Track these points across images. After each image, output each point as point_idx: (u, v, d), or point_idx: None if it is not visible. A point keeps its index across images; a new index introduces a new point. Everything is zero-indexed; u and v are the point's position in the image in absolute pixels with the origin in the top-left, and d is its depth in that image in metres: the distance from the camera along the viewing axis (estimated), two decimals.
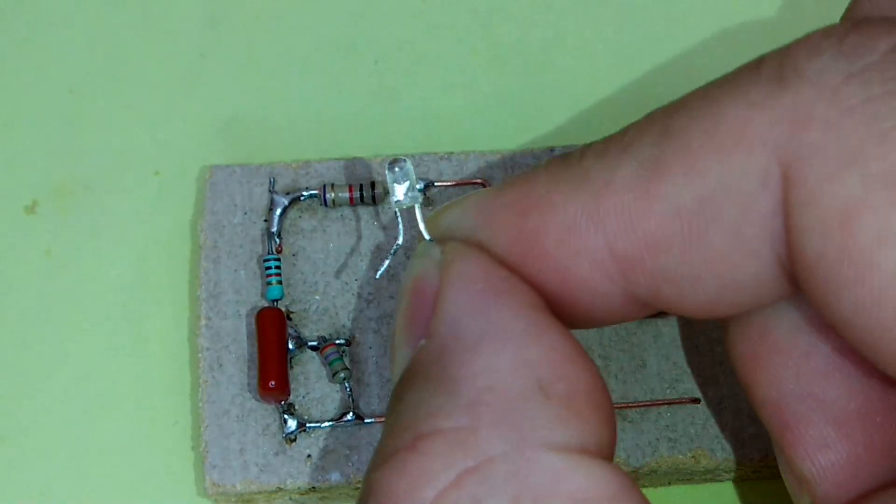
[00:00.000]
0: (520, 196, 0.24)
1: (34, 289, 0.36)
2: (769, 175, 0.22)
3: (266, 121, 0.37)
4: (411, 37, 0.39)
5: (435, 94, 0.38)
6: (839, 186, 0.21)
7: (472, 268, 0.24)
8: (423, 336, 0.24)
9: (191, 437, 0.34)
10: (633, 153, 0.23)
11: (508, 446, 0.22)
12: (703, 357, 0.33)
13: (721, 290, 0.23)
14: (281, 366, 0.32)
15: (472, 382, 0.22)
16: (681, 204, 0.23)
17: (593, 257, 0.24)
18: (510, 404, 0.22)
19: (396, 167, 0.27)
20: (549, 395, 0.22)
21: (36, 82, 0.38)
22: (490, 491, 0.21)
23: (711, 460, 0.32)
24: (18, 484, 0.34)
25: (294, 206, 0.34)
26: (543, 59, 0.39)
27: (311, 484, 0.32)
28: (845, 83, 0.21)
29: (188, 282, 0.35)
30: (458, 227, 0.25)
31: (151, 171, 0.37)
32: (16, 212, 0.36)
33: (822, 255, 0.21)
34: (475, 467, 0.22)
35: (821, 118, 0.21)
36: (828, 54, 0.22)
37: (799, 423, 0.26)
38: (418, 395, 0.23)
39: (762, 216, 0.22)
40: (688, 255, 0.23)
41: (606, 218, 0.23)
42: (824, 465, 0.25)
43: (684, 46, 0.39)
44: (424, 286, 0.24)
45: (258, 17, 0.39)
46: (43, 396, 0.34)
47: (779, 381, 0.26)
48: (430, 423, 0.22)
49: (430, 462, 0.22)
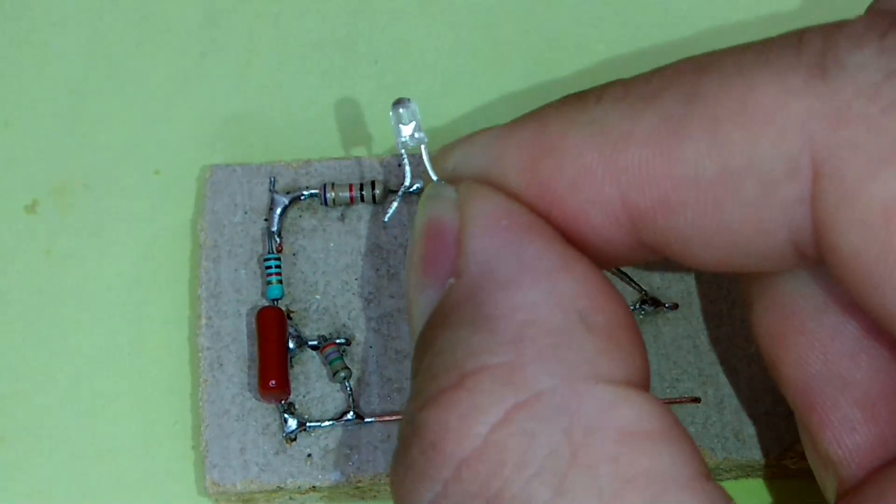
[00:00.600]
0: (532, 136, 0.24)
1: (34, 288, 0.36)
2: (799, 165, 0.22)
3: (266, 120, 0.37)
4: (411, 37, 0.39)
5: (435, 94, 0.38)
6: (881, 185, 0.21)
7: (493, 205, 0.24)
8: (450, 276, 0.24)
9: (191, 437, 0.34)
10: (657, 107, 0.23)
11: (557, 380, 0.22)
12: (704, 356, 0.33)
13: (730, 254, 0.23)
14: (281, 365, 0.32)
15: (512, 318, 0.22)
16: (701, 171, 0.22)
17: (606, 207, 0.24)
18: (554, 338, 0.22)
19: (401, 107, 0.27)
20: (591, 326, 0.22)
21: (36, 82, 0.38)
22: (541, 424, 0.22)
23: (712, 460, 0.32)
24: (18, 483, 0.34)
25: (294, 206, 0.34)
26: (543, 59, 0.39)
27: (312, 483, 0.32)
28: (886, 80, 0.21)
29: (188, 281, 0.35)
30: (468, 167, 0.25)
31: (152, 171, 0.37)
32: (16, 211, 0.36)
33: (863, 251, 0.21)
34: (525, 401, 0.22)
35: (861, 115, 0.21)
36: (869, 49, 0.22)
37: (825, 405, 0.26)
38: (455, 335, 0.23)
39: (785, 202, 0.22)
40: (701, 220, 0.23)
41: (623, 171, 0.23)
42: (850, 447, 0.25)
43: (684, 46, 0.39)
44: (443, 227, 0.24)
45: (258, 16, 0.39)
46: (43, 396, 0.34)
47: (804, 362, 0.26)
48: (474, 361, 0.22)
49: (479, 398, 0.22)
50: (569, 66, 0.39)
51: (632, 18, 0.39)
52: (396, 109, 0.27)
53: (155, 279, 0.36)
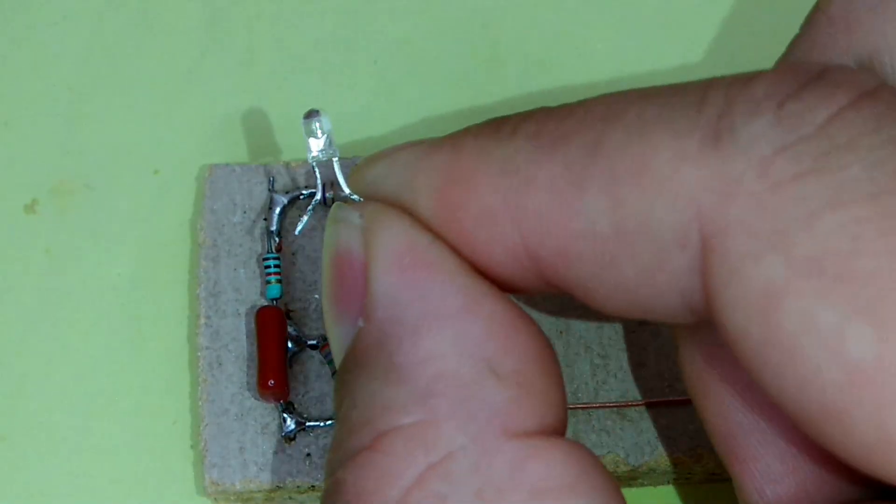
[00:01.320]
0: (446, 162, 0.24)
1: (34, 288, 0.36)
2: (689, 237, 0.21)
3: (265, 120, 0.37)
4: (410, 36, 0.39)
5: (434, 94, 0.38)
6: (763, 268, 0.20)
7: (396, 238, 0.24)
8: (359, 314, 0.23)
9: (190, 436, 0.34)
10: (563, 153, 0.23)
11: (468, 438, 0.22)
12: None
13: (631, 308, 0.23)
14: (280, 364, 0.32)
15: (421, 370, 0.22)
16: (597, 227, 0.22)
17: (508, 249, 0.23)
18: (463, 392, 0.22)
19: (314, 120, 0.26)
20: (500, 375, 0.22)
21: (35, 81, 0.38)
22: (453, 487, 0.21)
23: (710, 459, 0.32)
24: (17, 482, 0.34)
25: (293, 205, 0.34)
26: (543, 59, 0.39)
27: (311, 482, 0.32)
28: (776, 155, 0.21)
29: (187, 281, 0.35)
30: (384, 184, 0.25)
31: (151, 170, 0.37)
32: (15, 211, 0.36)
33: (747, 332, 0.21)
34: (437, 463, 0.22)
35: (748, 192, 0.21)
36: (765, 119, 0.21)
37: (746, 455, 0.25)
38: (369, 387, 0.23)
39: (676, 271, 0.22)
40: (598, 273, 0.23)
41: (524, 217, 0.23)
42: (772, 498, 0.25)
43: (684, 46, 0.39)
44: (350, 257, 0.24)
45: (258, 16, 0.39)
46: (42, 395, 0.34)
47: (726, 411, 0.26)
48: (387, 420, 0.22)
49: (393, 461, 0.22)
50: (568, 67, 0.38)
51: (632, 18, 0.39)
52: (308, 122, 0.26)
53: (154, 278, 0.36)
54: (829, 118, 0.21)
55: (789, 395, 0.21)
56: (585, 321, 0.33)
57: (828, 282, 0.20)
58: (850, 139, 0.21)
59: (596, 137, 0.22)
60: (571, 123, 0.23)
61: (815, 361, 0.20)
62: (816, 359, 0.20)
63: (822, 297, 0.20)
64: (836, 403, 0.20)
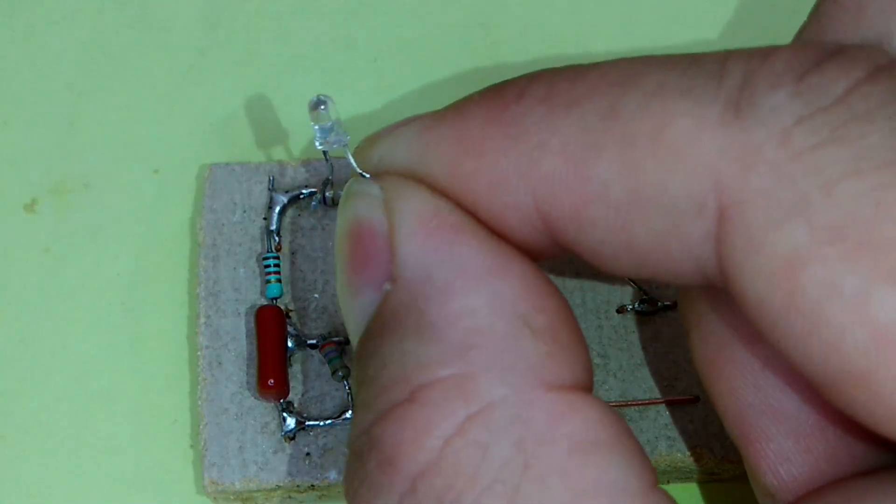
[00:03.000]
0: (453, 132, 0.24)
1: (33, 287, 0.36)
2: (706, 205, 0.21)
3: (265, 119, 0.38)
4: (410, 35, 0.39)
5: (434, 93, 0.38)
6: (785, 235, 0.21)
7: (420, 204, 0.24)
8: (384, 280, 0.23)
9: (190, 436, 0.34)
10: (577, 116, 0.22)
11: (507, 389, 0.22)
12: None
13: (640, 270, 0.23)
14: (280, 364, 0.32)
15: (457, 326, 0.22)
16: (611, 192, 0.22)
17: (521, 212, 0.23)
18: (500, 345, 0.22)
19: (321, 108, 0.26)
20: (535, 330, 0.22)
21: (35, 80, 0.38)
22: (494, 436, 0.22)
23: (710, 459, 0.32)
24: (17, 481, 0.34)
25: (293, 205, 0.34)
26: (543, 59, 0.39)
27: (311, 482, 0.32)
28: (796, 126, 0.21)
29: (187, 280, 0.36)
30: (393, 160, 0.25)
31: (151, 170, 0.37)
32: (15, 210, 0.36)
33: (768, 300, 0.21)
34: (477, 413, 0.22)
35: (769, 161, 0.21)
36: (785, 91, 0.21)
37: (760, 436, 0.26)
38: (401, 345, 0.23)
39: (691, 238, 0.22)
40: (611, 237, 0.23)
41: (537, 182, 0.23)
42: (786, 478, 0.25)
43: (684, 46, 0.39)
44: (371, 227, 0.24)
45: (257, 14, 0.39)
46: (42, 394, 0.34)
47: (738, 393, 0.26)
48: (424, 374, 0.22)
49: (432, 412, 0.22)
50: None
51: (632, 18, 0.39)
52: (314, 110, 0.26)
53: (154, 278, 0.36)
54: (848, 90, 0.21)
55: (813, 361, 0.21)
56: (585, 321, 0.33)
57: (851, 247, 0.20)
58: (868, 110, 0.21)
59: (612, 101, 0.22)
60: (584, 86, 0.23)
61: (840, 326, 0.20)
62: (841, 323, 0.20)
63: (845, 263, 0.20)
64: (862, 366, 0.20)
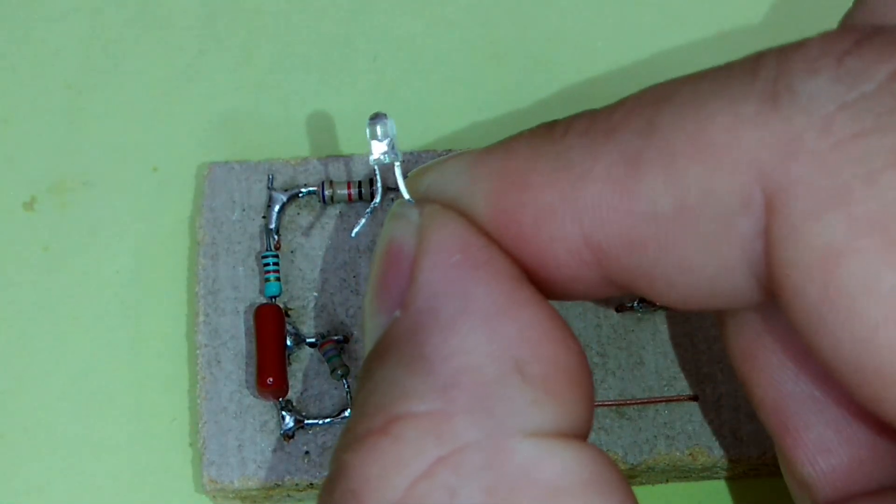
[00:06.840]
0: (500, 167, 0.24)
1: (32, 285, 0.36)
2: (752, 199, 0.21)
3: (264, 117, 0.37)
4: (410, 34, 0.39)
5: (434, 92, 0.38)
6: (824, 226, 0.20)
7: (450, 235, 0.24)
8: (398, 306, 0.23)
9: (189, 434, 0.34)
10: (617, 141, 0.22)
11: (482, 433, 0.21)
12: (701, 354, 0.33)
13: (696, 293, 0.23)
14: (279, 362, 0.32)
15: (448, 363, 0.22)
16: (658, 208, 0.22)
17: (569, 245, 0.23)
18: (485, 388, 0.22)
19: (378, 124, 0.26)
20: (526, 376, 0.22)
21: (34, 79, 0.38)
22: (463, 481, 0.21)
23: (709, 458, 0.32)
24: (16, 480, 0.34)
25: (292, 203, 0.34)
26: (543, 57, 0.39)
27: (309, 480, 0.32)
28: (838, 112, 0.20)
29: (186, 278, 0.35)
30: (440, 190, 0.25)
31: (150, 168, 0.37)
32: (14, 208, 0.36)
33: (804, 292, 0.21)
34: (448, 455, 0.21)
35: (810, 150, 0.20)
36: (824, 76, 0.21)
37: (798, 425, 0.25)
38: (391, 373, 0.22)
39: (741, 238, 0.22)
40: (662, 258, 0.22)
41: (583, 209, 0.23)
42: (825, 469, 0.25)
43: (684, 45, 0.39)
44: (400, 251, 0.24)
45: (257, 13, 0.39)
46: (41, 393, 0.34)
47: (777, 382, 0.25)
48: (403, 406, 0.22)
49: (403, 448, 0.21)
50: (568, 66, 0.39)
51: (631, 17, 0.39)
52: (373, 125, 0.26)
53: (153, 276, 0.36)
54: (891, 74, 0.21)
55: (845, 358, 0.21)
56: (584, 320, 0.33)
57: (891, 241, 0.20)
58: None
59: (649, 119, 0.22)
60: (622, 113, 0.23)
61: (874, 322, 0.20)
62: (875, 319, 0.20)
63: (883, 257, 0.20)
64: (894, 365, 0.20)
